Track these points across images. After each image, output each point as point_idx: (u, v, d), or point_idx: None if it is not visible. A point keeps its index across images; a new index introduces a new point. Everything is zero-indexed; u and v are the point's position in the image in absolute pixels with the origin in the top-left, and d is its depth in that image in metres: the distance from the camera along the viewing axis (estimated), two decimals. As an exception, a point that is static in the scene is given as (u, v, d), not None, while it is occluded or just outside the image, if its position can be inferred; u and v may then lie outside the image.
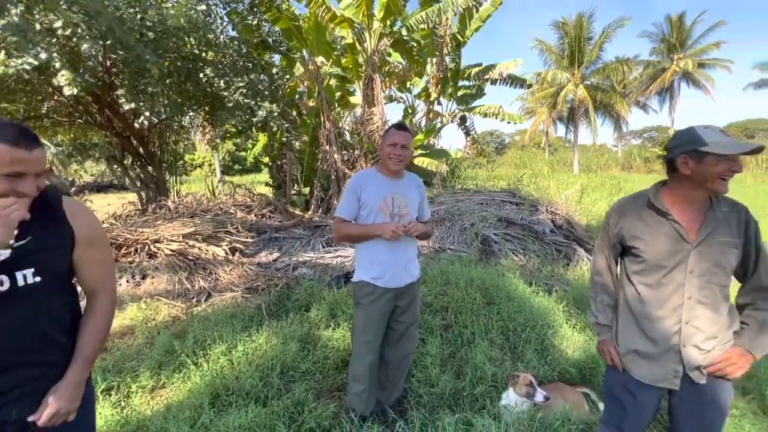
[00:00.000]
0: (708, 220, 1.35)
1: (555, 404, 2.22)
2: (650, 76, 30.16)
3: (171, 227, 4.88)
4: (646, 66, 30.07)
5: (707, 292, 1.34)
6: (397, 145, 2.04)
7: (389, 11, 7.19)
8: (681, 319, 1.37)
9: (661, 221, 1.39)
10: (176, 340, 2.96)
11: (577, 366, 2.69)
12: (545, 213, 5.88)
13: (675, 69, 28.82)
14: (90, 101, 7.02)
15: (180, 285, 4.13)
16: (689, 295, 1.35)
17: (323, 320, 3.29)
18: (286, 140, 9.14)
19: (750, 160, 24.82)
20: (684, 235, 1.35)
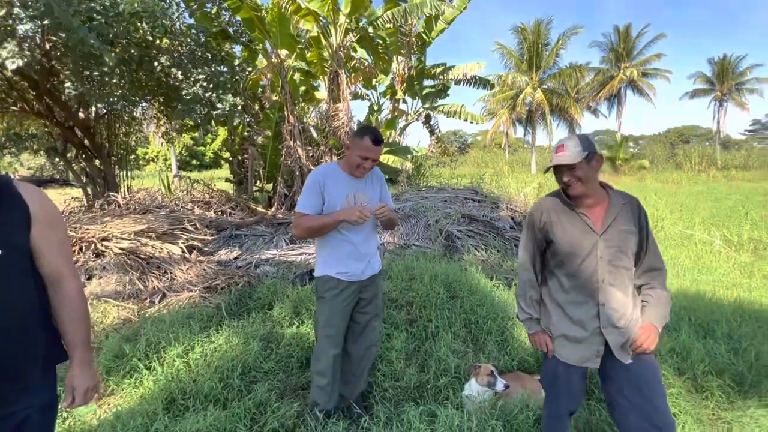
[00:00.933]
0: (609, 211, 1.53)
1: (514, 392, 2.31)
2: (600, 83, 32.12)
3: (121, 224, 4.57)
4: (596, 73, 31.99)
5: (616, 274, 1.51)
6: (369, 159, 2.01)
7: (355, 7, 7.13)
8: (598, 302, 1.53)
9: (573, 215, 1.57)
10: (127, 344, 2.77)
11: (534, 355, 2.81)
12: (505, 210, 6.10)
13: (622, 77, 30.90)
14: (26, 87, 6.40)
15: (131, 285, 3.88)
16: (602, 279, 1.52)
17: (287, 318, 3.22)
18: (247, 135, 8.83)
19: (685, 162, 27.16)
20: (591, 225, 1.53)
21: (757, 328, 3.07)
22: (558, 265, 1.62)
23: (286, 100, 7.71)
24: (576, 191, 1.52)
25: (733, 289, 4.27)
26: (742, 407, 2.23)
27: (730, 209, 9.41)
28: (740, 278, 4.62)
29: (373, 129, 2.08)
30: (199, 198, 7.41)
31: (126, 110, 7.57)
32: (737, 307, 3.67)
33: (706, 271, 4.92)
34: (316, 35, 8.10)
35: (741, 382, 2.47)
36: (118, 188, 7.23)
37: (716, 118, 36.98)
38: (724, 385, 2.41)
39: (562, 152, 1.51)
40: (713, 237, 6.48)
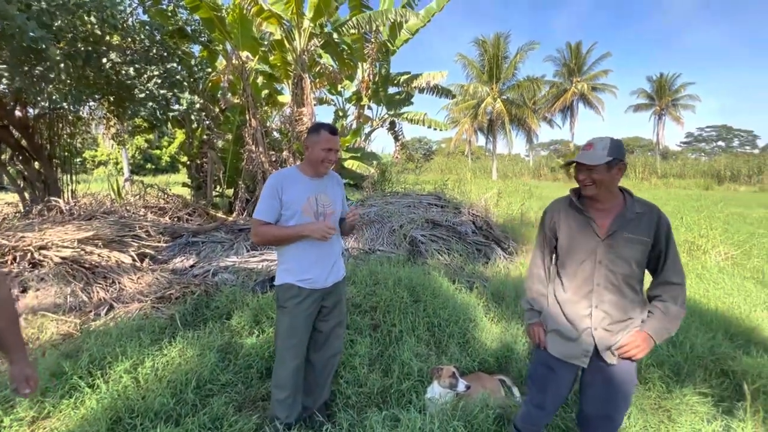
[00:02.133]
0: (618, 218, 1.54)
1: (475, 392, 2.36)
2: (554, 95, 34.06)
3: (62, 231, 4.22)
4: (551, 86, 33.90)
5: (613, 280, 1.54)
6: (332, 151, 2.00)
7: (319, 11, 7.11)
8: (592, 304, 1.58)
9: (580, 217, 1.61)
10: (66, 361, 2.55)
11: (494, 355, 2.89)
12: (467, 215, 6.26)
13: (574, 90, 32.93)
14: (-48, 81, 5.80)
15: (74, 297, 3.58)
16: (598, 282, 1.56)
17: (246, 327, 3.11)
18: (207, 138, 8.50)
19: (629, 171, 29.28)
20: (596, 229, 1.56)
21: (692, 322, 3.33)
22: (561, 264, 1.68)
23: (247, 103, 7.52)
24: (588, 192, 1.55)
25: (671, 288, 4.63)
26: (679, 395, 2.41)
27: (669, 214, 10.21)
28: (678, 277, 5.03)
29: (324, 123, 2.09)
30: (153, 204, 7.01)
31: (71, 109, 7.07)
32: (675, 304, 3.97)
33: (649, 272, 5.31)
34: (279, 38, 7.99)
35: (678, 372, 2.67)
36: (61, 193, 6.69)
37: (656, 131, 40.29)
38: (664, 375, 2.60)
39: (588, 150, 1.52)
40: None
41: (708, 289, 4.54)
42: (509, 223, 7.61)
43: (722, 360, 2.78)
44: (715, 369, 2.72)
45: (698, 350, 2.84)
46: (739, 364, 2.68)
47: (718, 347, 2.91)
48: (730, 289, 4.53)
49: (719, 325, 3.40)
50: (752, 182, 27.07)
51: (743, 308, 3.89)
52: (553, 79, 34.22)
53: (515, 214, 8.32)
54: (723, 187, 27.00)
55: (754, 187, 25.69)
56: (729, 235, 7.03)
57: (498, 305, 3.77)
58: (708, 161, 34.54)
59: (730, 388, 2.54)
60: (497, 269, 5.17)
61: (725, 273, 5.20)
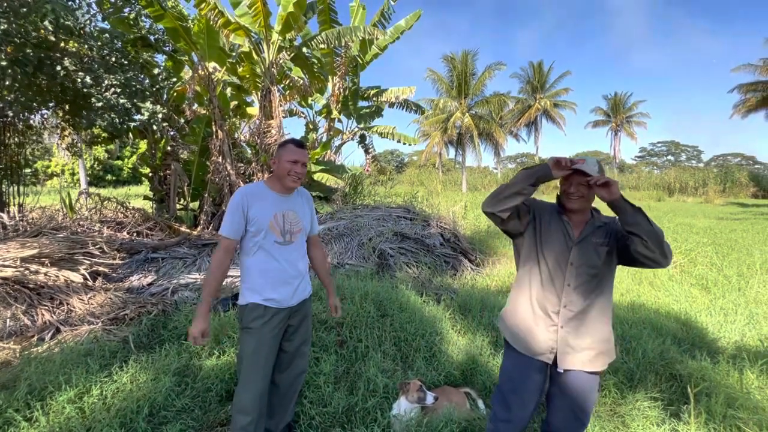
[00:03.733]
0: (588, 226, 1.70)
1: (440, 406, 2.37)
2: (520, 111, 35.59)
3: (4, 249, 3.92)
4: (516, 102, 35.42)
5: (582, 281, 1.65)
6: (298, 163, 1.98)
7: (288, 25, 7.12)
8: (560, 303, 1.66)
9: (559, 219, 1.73)
10: (1, 393, 2.34)
11: (460, 368, 2.92)
12: (435, 227, 6.35)
13: (537, 106, 34.57)
14: None
15: (14, 321, 3.31)
16: (568, 283, 1.66)
17: (206, 348, 2.98)
18: (171, 149, 8.21)
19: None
20: (570, 232, 1.69)
21: (643, 329, 3.51)
22: (534, 261, 1.73)
23: (214, 115, 7.35)
24: (575, 205, 1.66)
25: (626, 295, 4.87)
26: (632, 401, 2.52)
27: (625, 225, 10.83)
28: (632, 285, 5.30)
29: (292, 138, 2.09)
30: (110, 218, 6.65)
31: (20, 117, 6.65)
32: (629, 311, 4.18)
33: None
34: (247, 50, 7.91)
35: (631, 378, 2.79)
36: (6, 207, 6.23)
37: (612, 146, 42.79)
38: (618, 382, 2.72)
39: (582, 163, 1.60)
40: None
41: (659, 297, 4.81)
42: (477, 235, 7.79)
43: (671, 364, 2.93)
44: (665, 373, 2.86)
45: (649, 356, 2.99)
46: (685, 367, 2.84)
47: (667, 352, 3.08)
48: (678, 295, 4.82)
49: (669, 330, 3.61)
50: (698, 194, 29.21)
51: (690, 314, 4.14)
52: (518, 96, 35.80)
53: (482, 227, 8.53)
54: (673, 198, 28.97)
55: (700, 198, 27.73)
56: (677, 244, 7.50)
57: (464, 317, 3.82)
58: (659, 174, 36.99)
59: (678, 391, 2.68)
60: (464, 281, 5.26)
61: (674, 281, 5.54)
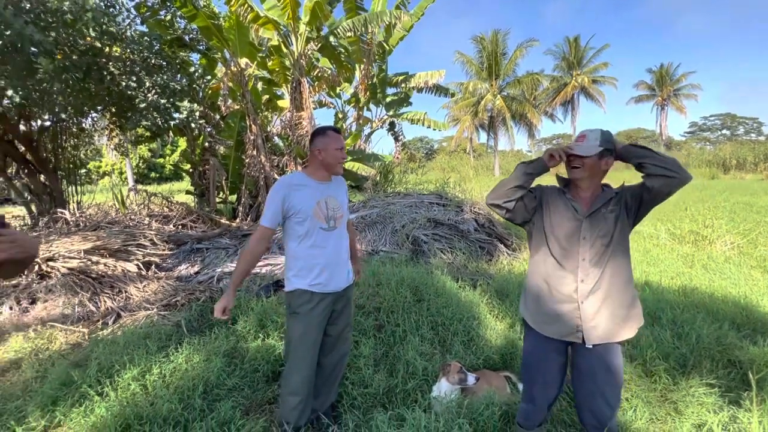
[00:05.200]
0: (597, 199, 1.67)
1: (480, 390, 2.37)
2: (555, 89, 33.92)
3: (68, 242, 4.28)
4: (551, 80, 33.75)
5: (596, 253, 1.62)
6: (342, 149, 2.06)
7: (315, 15, 7.15)
8: (577, 278, 1.63)
9: (563, 199, 1.71)
10: (75, 370, 2.59)
11: (499, 352, 2.89)
12: (469, 213, 6.26)
13: (574, 84, 32.79)
14: (-44, 98, 5.90)
15: (81, 307, 3.63)
16: (583, 257, 1.63)
17: (252, 331, 3.13)
18: (209, 145, 8.57)
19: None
20: (578, 209, 1.66)
21: (697, 313, 3.31)
22: (545, 244, 1.72)
23: (247, 109, 7.57)
24: (575, 175, 1.65)
25: (676, 278, 4.60)
26: (685, 387, 2.40)
27: (673, 205, 10.14)
28: (683, 268, 4.98)
29: (329, 126, 2.14)
30: (157, 212, 7.08)
31: (73, 121, 7.16)
32: (680, 295, 3.95)
33: (654, 263, 5.27)
34: (277, 44, 8.03)
35: (684, 364, 2.65)
36: (66, 204, 6.78)
37: (659, 122, 39.95)
38: (670, 368, 2.59)
39: (581, 142, 1.62)
40: (659, 231, 6.97)
41: (713, 280, 4.50)
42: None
43: (729, 350, 2.76)
44: (722, 359, 2.70)
45: (704, 341, 2.82)
46: (745, 353, 2.66)
47: (724, 338, 2.89)
48: (737, 278, 4.49)
49: (726, 315, 3.38)
50: (758, 170, 26.77)
51: (750, 298, 3.85)
52: (553, 74, 34.10)
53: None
54: (729, 175, 26.75)
55: (760, 175, 25.42)
56: (735, 224, 6.96)
57: (502, 302, 3.77)
58: (713, 150, 34.21)
59: (737, 378, 2.52)
60: (500, 266, 5.16)
61: (731, 263, 5.16)
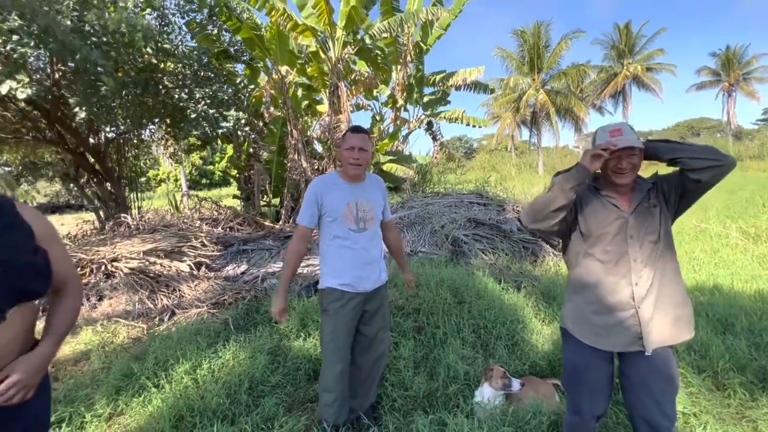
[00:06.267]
0: (636, 192, 1.54)
1: (526, 397, 2.25)
2: (604, 81, 31.92)
3: (130, 244, 4.64)
4: (599, 71, 31.79)
5: (645, 252, 1.48)
6: (355, 149, 2.00)
7: (351, 20, 7.25)
8: (632, 282, 1.48)
9: (598, 198, 1.57)
10: (136, 363, 2.79)
11: (546, 358, 2.74)
12: (512, 212, 6.03)
13: (626, 73, 30.67)
14: (39, 116, 6.63)
15: (141, 304, 3.92)
16: (634, 258, 1.49)
17: (294, 331, 3.21)
18: (253, 151, 8.97)
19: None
20: (619, 205, 1.53)
21: (780, 321, 2.95)
22: (590, 247, 1.58)
23: (288, 115, 7.82)
24: (628, 179, 1.50)
25: (752, 282, 4.12)
26: (766, 404, 2.13)
27: (746, 200, 9.16)
28: (759, 270, 4.46)
29: (351, 126, 2.14)
30: (207, 215, 7.50)
31: (134, 133, 7.78)
32: (757, 300, 3.53)
33: (723, 265, 4.77)
34: (315, 50, 8.24)
35: (765, 378, 2.36)
36: (129, 210, 7.37)
37: (725, 110, 36.32)
38: (747, 381, 2.31)
39: (621, 135, 1.46)
40: (728, 229, 6.30)
41: (798, 283, 3.99)
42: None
43: (820, 364, 2.42)
44: (812, 374, 2.37)
45: (788, 353, 2.50)
46: (842, 368, 2.32)
47: (814, 349, 2.54)
48: (828, 282, 3.95)
49: (814, 323, 2.97)
50: None
51: None
52: (602, 64, 32.13)
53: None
54: (813, 167, 23.69)
55: None
56: (823, 221, 6.14)
57: (548, 305, 3.57)
58: (792, 139, 30.51)
59: (831, 396, 2.20)
60: (546, 267, 4.92)
61: (820, 264, 4.55)
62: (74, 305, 1.24)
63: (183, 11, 6.43)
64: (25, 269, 1.06)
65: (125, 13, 4.09)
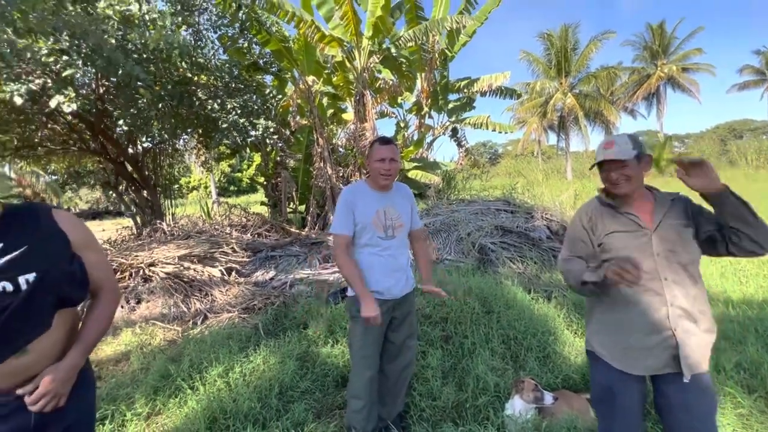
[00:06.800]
0: (657, 207, 1.48)
1: (560, 412, 2.18)
2: (636, 82, 30.80)
3: (165, 250, 4.84)
4: (631, 73, 30.72)
5: (677, 270, 1.42)
6: (386, 160, 2.02)
7: (377, 30, 7.35)
8: (666, 302, 1.42)
9: (618, 215, 1.52)
10: (172, 364, 2.90)
11: (579, 372, 2.65)
12: (540, 219, 5.89)
13: (660, 74, 29.48)
14: (84, 128, 7.07)
15: (176, 308, 4.07)
16: (664, 277, 1.42)
17: (321, 337, 3.25)
18: (280, 159, 9.20)
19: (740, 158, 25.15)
20: (641, 223, 1.47)
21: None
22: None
23: (315, 124, 7.98)
24: (623, 190, 1.48)
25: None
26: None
27: (795, 207, 8.56)
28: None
29: (378, 137, 2.16)
30: (236, 222, 7.74)
31: (169, 143, 8.17)
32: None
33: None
34: (341, 60, 8.39)
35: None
36: (164, 216, 7.71)
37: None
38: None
39: (611, 148, 1.47)
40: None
41: None
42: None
43: None
44: None
45: None
46: None
47: None
48: None
49: None
50: None
51: None
52: (633, 65, 31.03)
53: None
54: None
55: None
56: None
57: (581, 317, 3.45)
58: None
59: None
60: (578, 277, 4.76)
61: None
62: (107, 313, 1.26)
63: (216, 26, 6.73)
64: (63, 278, 1.10)
65: (164, 31, 4.32)
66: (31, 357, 1.08)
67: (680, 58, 29.60)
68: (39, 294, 1.05)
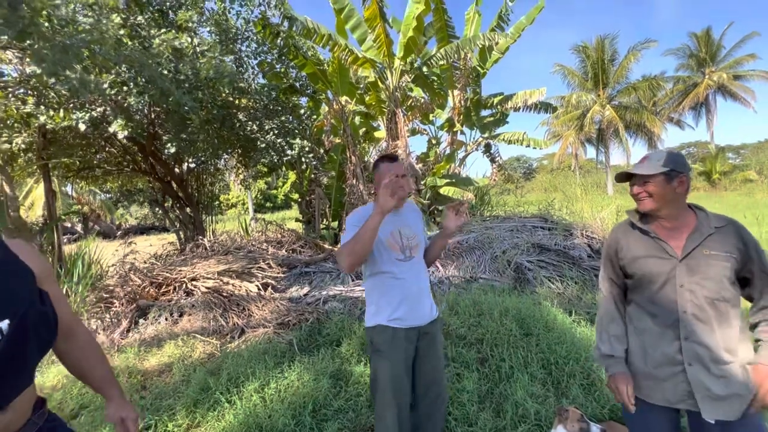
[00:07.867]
0: (693, 235, 1.37)
1: (608, 446, 2.03)
2: (681, 92, 29.28)
3: (206, 265, 5.06)
4: (675, 82, 29.28)
5: (703, 306, 1.32)
6: (396, 176, 1.88)
7: (409, 50, 7.51)
8: (680, 335, 1.34)
9: (646, 239, 1.44)
10: (211, 378, 2.99)
11: (629, 403, 2.46)
12: (581, 237, 5.64)
13: (709, 83, 27.87)
14: (136, 150, 7.65)
15: (215, 322, 4.21)
16: (684, 310, 1.34)
17: (354, 355, 3.24)
18: (314, 177, 9.46)
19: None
20: (669, 250, 1.38)
21: None
22: (635, 293, 1.49)
23: (348, 142, 8.18)
24: (644, 206, 1.42)
25: None
26: None
27: None
28: None
29: (381, 155, 2.05)
30: (272, 238, 7.97)
31: (211, 163, 8.64)
32: None
33: None
34: (373, 80, 8.61)
35: None
36: (205, 232, 8.09)
37: (840, 117, 31.23)
38: None
39: (642, 163, 1.44)
40: None
41: None
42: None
43: None
44: None
45: None
46: None
47: None
48: None
49: None
50: None
51: None
52: (676, 74, 29.59)
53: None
54: None
55: None
56: None
57: (629, 342, 3.24)
58: None
59: None
60: (623, 298, 4.49)
61: None
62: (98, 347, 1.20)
63: (256, 53, 7.15)
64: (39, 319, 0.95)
65: (213, 62, 4.64)
66: (9, 416, 0.92)
67: (731, 65, 27.91)
68: (18, 344, 0.89)
